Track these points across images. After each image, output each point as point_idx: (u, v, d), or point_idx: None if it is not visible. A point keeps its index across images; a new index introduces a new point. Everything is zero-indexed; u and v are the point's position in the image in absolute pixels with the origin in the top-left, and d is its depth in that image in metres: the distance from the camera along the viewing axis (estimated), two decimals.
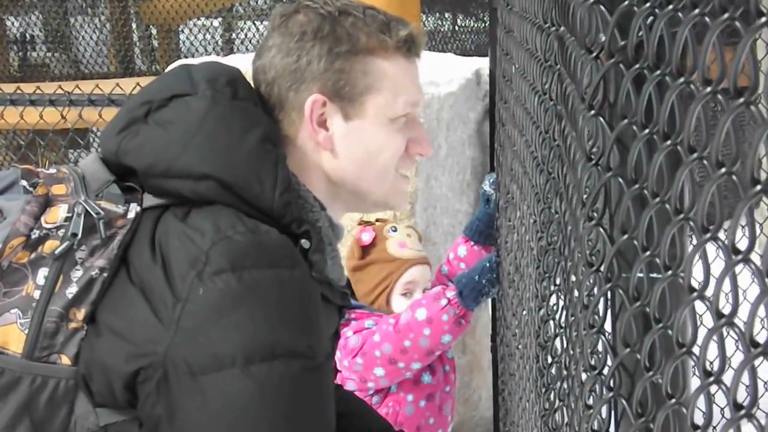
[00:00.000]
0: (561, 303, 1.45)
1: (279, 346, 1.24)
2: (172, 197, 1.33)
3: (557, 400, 1.49)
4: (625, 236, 0.93)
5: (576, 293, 1.26)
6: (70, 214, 1.31)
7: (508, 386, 2.20)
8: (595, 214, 0.99)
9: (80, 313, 1.29)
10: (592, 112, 0.98)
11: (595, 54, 0.99)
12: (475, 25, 8.46)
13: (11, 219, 1.31)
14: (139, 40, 9.09)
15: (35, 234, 1.31)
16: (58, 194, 1.34)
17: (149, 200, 1.35)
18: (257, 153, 1.32)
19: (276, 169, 1.32)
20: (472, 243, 2.56)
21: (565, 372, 1.41)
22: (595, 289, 1.03)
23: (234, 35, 9.25)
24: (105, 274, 1.30)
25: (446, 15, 8.56)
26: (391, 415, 2.35)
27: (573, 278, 1.20)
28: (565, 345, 1.38)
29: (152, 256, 1.28)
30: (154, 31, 9.04)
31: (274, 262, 1.26)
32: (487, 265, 2.28)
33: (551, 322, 1.54)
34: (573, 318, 1.19)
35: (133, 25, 8.90)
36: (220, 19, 9.32)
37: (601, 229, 0.98)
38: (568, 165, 1.22)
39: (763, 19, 0.68)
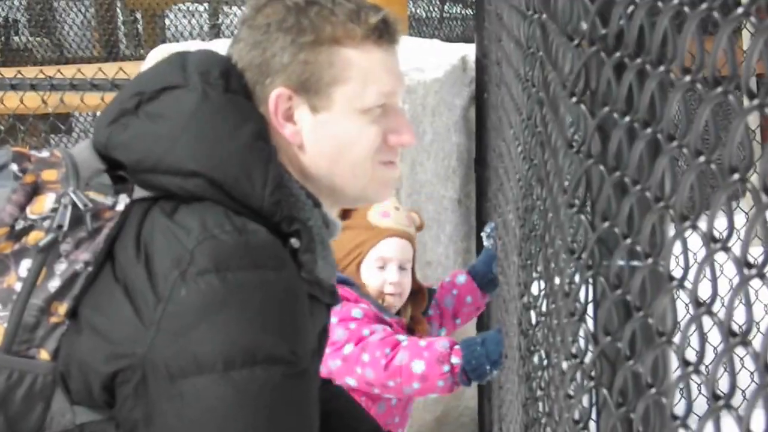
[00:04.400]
0: (543, 290, 1.45)
1: (260, 351, 1.22)
2: (161, 191, 1.31)
3: (538, 389, 1.49)
4: (606, 223, 0.93)
5: (557, 280, 1.26)
6: (56, 205, 1.29)
7: (502, 375, 2.20)
8: (576, 201, 0.99)
9: (62, 308, 1.27)
10: (574, 99, 0.98)
11: (576, 42, 0.98)
12: (462, 12, 8.44)
13: None
14: (123, 25, 9.02)
15: (20, 224, 1.29)
16: (48, 180, 1.32)
17: (139, 192, 1.32)
18: (248, 150, 1.29)
19: (267, 167, 1.29)
20: (473, 281, 2.51)
21: (546, 361, 1.41)
22: (576, 277, 1.02)
23: (221, 20, 9.19)
24: (90, 269, 1.28)
25: (433, 1, 8.54)
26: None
27: (553, 265, 1.20)
28: (545, 333, 1.38)
29: (136, 252, 1.26)
30: (139, 16, 8.97)
31: (260, 263, 1.24)
32: (499, 349, 2.13)
33: (533, 310, 1.54)
34: (554, 306, 1.19)
35: (118, 10, 8.83)
36: (206, 4, 9.25)
37: (582, 216, 0.98)
38: (549, 152, 1.22)
39: (740, 10, 0.68)
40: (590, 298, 1.01)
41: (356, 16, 1.34)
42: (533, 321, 1.52)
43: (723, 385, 0.68)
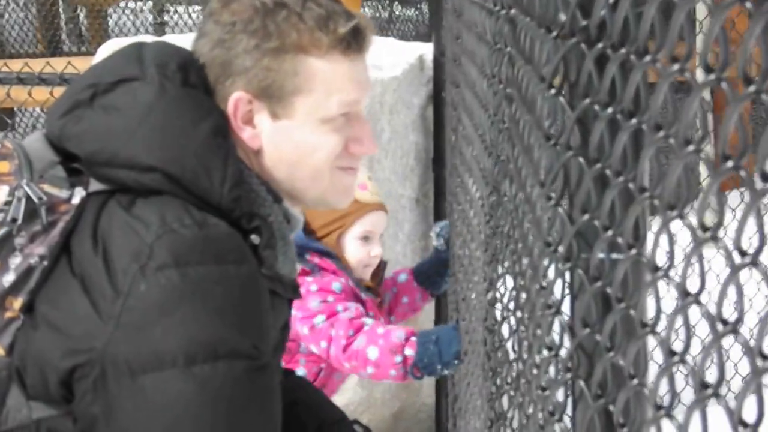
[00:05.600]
0: (509, 286, 1.44)
1: (222, 346, 1.20)
2: (118, 184, 1.28)
3: (505, 384, 1.49)
4: (586, 216, 0.93)
5: (528, 276, 1.26)
6: (10, 198, 1.26)
7: (457, 372, 2.19)
8: (553, 194, 0.99)
9: (17, 302, 1.24)
10: (552, 91, 0.97)
11: (555, 33, 0.98)
12: (414, 14, 8.45)
13: None
14: (67, 22, 8.88)
15: None
16: (1, 173, 1.29)
17: (95, 185, 1.30)
18: (207, 146, 1.27)
19: (226, 163, 1.27)
20: (414, 281, 2.53)
21: (513, 355, 1.41)
22: (551, 270, 1.02)
23: (167, 18, 9.08)
24: (45, 263, 1.25)
25: (383, 2, 8.54)
26: (312, 372, 2.32)
27: (525, 261, 1.20)
28: (514, 328, 1.38)
29: (94, 246, 1.24)
30: (82, 14, 8.84)
31: (220, 257, 1.22)
32: (453, 348, 2.15)
33: (499, 305, 1.54)
34: (526, 300, 1.19)
35: (60, 8, 8.69)
36: (150, 2, 9.14)
37: (560, 210, 0.98)
38: (520, 147, 1.21)
39: None
40: (565, 291, 1.01)
41: (325, 24, 1.30)
42: (499, 317, 1.52)
43: (709, 380, 0.68)
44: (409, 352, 2.13)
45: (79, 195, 1.29)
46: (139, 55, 1.33)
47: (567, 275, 0.98)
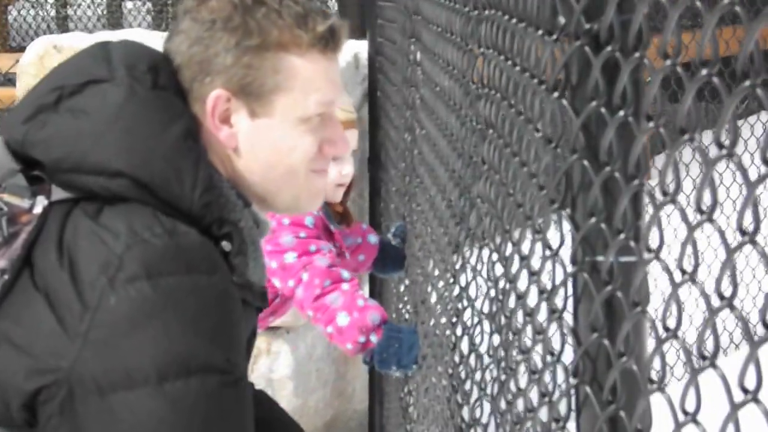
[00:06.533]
0: (483, 290, 1.44)
1: (195, 360, 1.16)
2: (83, 192, 1.23)
3: (479, 389, 1.48)
4: (593, 219, 0.92)
5: (524, 277, 1.26)
6: None
7: (412, 377, 2.18)
8: (557, 197, 0.98)
9: None
10: (555, 94, 0.97)
11: (555, 36, 0.98)
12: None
13: None
14: None
15: None
16: None
17: (58, 193, 1.23)
18: (177, 150, 1.23)
19: (197, 168, 1.23)
20: (378, 253, 2.50)
21: (488, 359, 1.41)
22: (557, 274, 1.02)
23: (70, 11, 8.84)
24: (6, 277, 1.19)
25: None
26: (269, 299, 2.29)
27: (516, 264, 1.19)
28: (493, 333, 1.37)
29: (59, 258, 1.18)
30: None
31: (192, 267, 1.18)
32: (412, 354, 2.12)
33: (470, 309, 1.53)
34: (517, 305, 1.18)
35: None
36: None
37: (564, 213, 0.97)
38: (508, 149, 1.21)
39: (726, 1, 0.68)
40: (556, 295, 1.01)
41: (303, 21, 1.28)
42: (470, 321, 1.51)
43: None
44: (375, 339, 2.11)
45: (41, 204, 1.22)
46: (106, 56, 1.28)
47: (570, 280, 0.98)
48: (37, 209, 1.22)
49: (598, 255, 0.94)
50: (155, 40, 1.50)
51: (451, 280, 1.63)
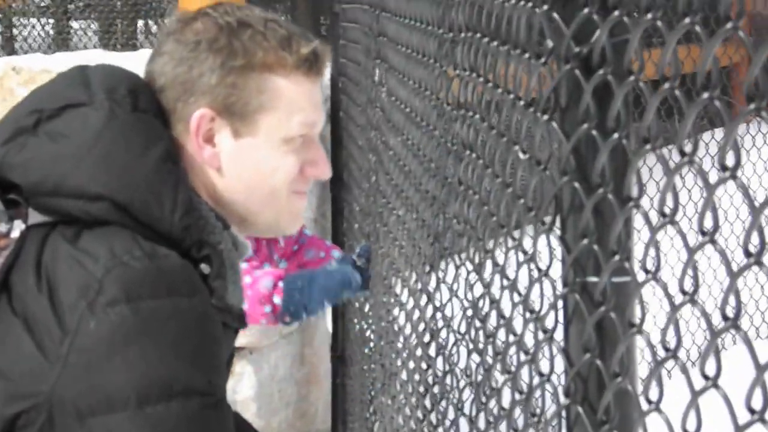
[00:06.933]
0: (459, 310, 1.44)
1: (177, 383, 1.15)
2: (61, 215, 1.22)
3: (456, 409, 1.48)
4: (585, 240, 0.93)
5: (488, 300, 1.26)
6: None
7: (375, 400, 2.18)
8: (546, 219, 0.99)
9: None
10: (545, 117, 0.98)
11: (544, 60, 0.99)
12: None
13: None
14: None
15: None
16: None
17: (35, 217, 1.22)
18: (157, 172, 1.23)
19: (176, 190, 1.23)
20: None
21: (466, 379, 1.41)
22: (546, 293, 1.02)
23: (16, 32, 8.73)
24: None
25: None
26: None
27: (498, 286, 1.20)
28: (471, 353, 1.38)
29: (37, 282, 1.17)
30: None
31: (172, 290, 1.18)
32: (320, 297, 2.19)
33: (446, 329, 1.53)
34: (500, 326, 1.19)
35: None
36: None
37: (554, 234, 0.98)
38: (489, 170, 1.22)
39: (729, 25, 0.69)
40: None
41: (288, 43, 1.30)
42: (448, 342, 1.51)
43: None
44: (277, 300, 2.15)
45: (18, 228, 1.21)
46: (84, 79, 1.27)
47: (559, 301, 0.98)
48: (15, 233, 1.21)
49: (589, 276, 0.95)
50: (115, 61, 1.50)
51: (425, 300, 1.63)
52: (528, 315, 1.05)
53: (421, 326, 1.66)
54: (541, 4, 0.97)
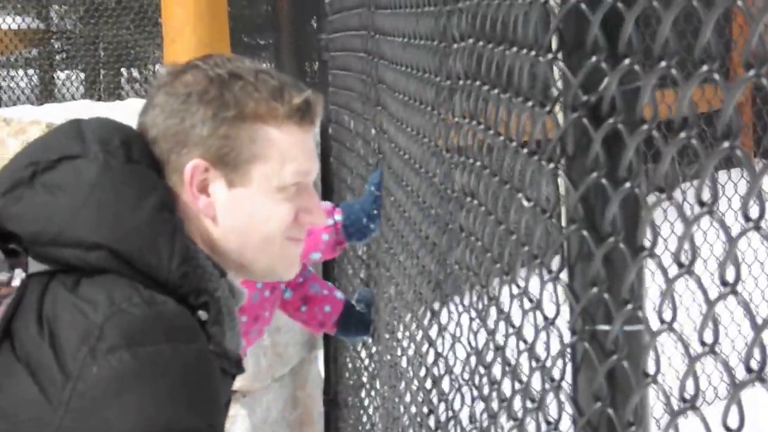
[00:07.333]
0: (461, 357, 1.44)
1: (177, 427, 1.17)
2: (60, 264, 1.23)
3: None
4: (595, 289, 0.93)
5: (492, 347, 1.25)
6: None
7: None
8: (551, 267, 0.99)
9: None
10: (551, 165, 0.98)
11: (548, 108, 0.99)
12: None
13: None
14: None
15: None
16: None
17: (35, 266, 1.24)
18: (153, 221, 1.25)
19: (173, 239, 1.25)
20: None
21: (469, 426, 1.40)
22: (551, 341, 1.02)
23: (2, 82, 8.76)
24: None
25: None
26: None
27: (502, 333, 1.19)
28: (475, 400, 1.37)
29: (39, 330, 1.18)
30: None
31: (171, 336, 1.19)
32: (373, 208, 2.14)
33: (449, 376, 1.53)
34: (505, 374, 1.18)
35: None
36: None
37: (561, 283, 0.98)
38: (492, 217, 1.21)
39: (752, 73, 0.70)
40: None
41: (280, 94, 1.31)
42: (451, 388, 1.51)
43: None
44: (338, 217, 2.16)
45: (18, 277, 1.23)
46: (79, 132, 1.29)
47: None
48: (15, 282, 1.22)
49: (599, 324, 0.94)
50: (102, 111, 1.50)
51: (426, 346, 1.62)
52: (534, 363, 1.04)
53: (423, 371, 1.65)
54: (545, 52, 0.97)
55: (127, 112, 1.32)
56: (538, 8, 0.96)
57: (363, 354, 2.49)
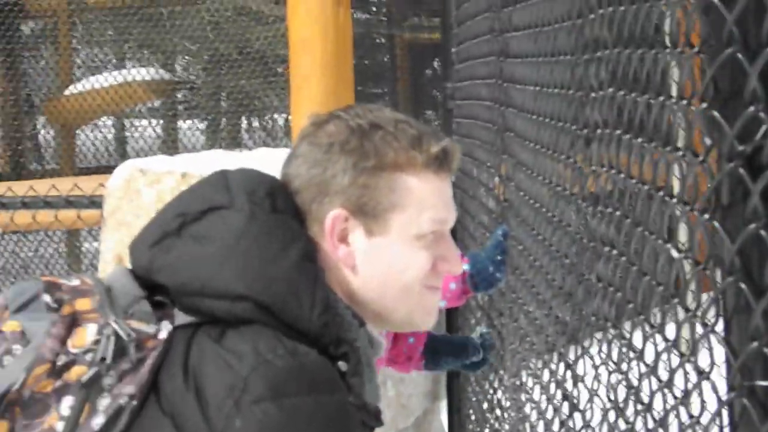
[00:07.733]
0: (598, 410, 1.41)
1: None
2: (206, 315, 1.25)
3: None
4: (755, 344, 0.90)
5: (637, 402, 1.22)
6: (98, 337, 1.21)
7: None
8: (710, 320, 0.96)
9: None
10: (706, 216, 0.96)
11: (701, 158, 0.97)
12: None
13: (35, 343, 1.21)
14: (30, 140, 8.82)
15: (61, 360, 1.20)
16: (83, 310, 1.24)
17: (181, 318, 1.26)
18: (296, 272, 1.26)
19: (315, 288, 1.26)
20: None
21: None
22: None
23: (128, 134, 9.11)
24: (134, 402, 1.20)
25: None
26: None
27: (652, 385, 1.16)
28: None
29: (185, 381, 1.20)
30: (43, 130, 8.78)
31: (314, 387, 1.19)
32: (499, 258, 2.00)
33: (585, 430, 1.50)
34: None
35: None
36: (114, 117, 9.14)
37: (717, 336, 0.95)
38: (635, 267, 1.19)
39: None
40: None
41: (418, 143, 1.32)
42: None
43: None
44: (465, 266, 1.98)
45: (166, 329, 1.24)
46: (226, 183, 1.32)
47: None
48: (162, 334, 1.23)
49: (758, 379, 0.91)
50: (235, 161, 1.52)
51: (560, 397, 1.60)
52: (689, 419, 1.01)
53: (557, 425, 1.63)
54: (699, 101, 0.96)
55: (258, 161, 1.35)
56: (691, 57, 0.95)
57: (485, 405, 2.46)
